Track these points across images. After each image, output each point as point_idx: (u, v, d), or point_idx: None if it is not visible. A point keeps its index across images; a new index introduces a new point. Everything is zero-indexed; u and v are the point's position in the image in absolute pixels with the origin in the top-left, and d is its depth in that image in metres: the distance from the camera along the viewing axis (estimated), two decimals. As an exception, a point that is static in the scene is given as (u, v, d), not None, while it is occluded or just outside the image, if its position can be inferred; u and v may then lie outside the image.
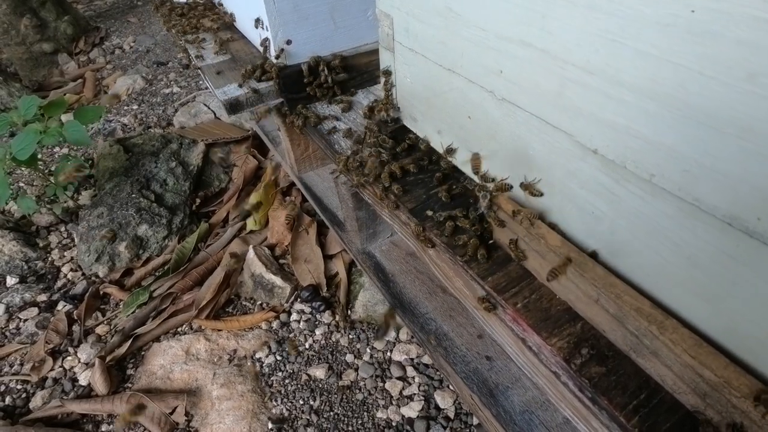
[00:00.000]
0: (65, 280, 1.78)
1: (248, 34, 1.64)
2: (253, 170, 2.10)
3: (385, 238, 1.47)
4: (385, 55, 1.05)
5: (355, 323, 1.50)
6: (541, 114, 0.69)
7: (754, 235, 0.47)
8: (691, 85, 0.48)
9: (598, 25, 0.55)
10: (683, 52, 0.47)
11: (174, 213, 1.89)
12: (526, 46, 0.66)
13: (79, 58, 3.58)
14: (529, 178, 0.76)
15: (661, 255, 0.59)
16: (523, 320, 0.74)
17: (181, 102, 2.73)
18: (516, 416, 1.02)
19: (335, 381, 1.35)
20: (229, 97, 1.37)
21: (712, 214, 0.51)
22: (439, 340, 1.19)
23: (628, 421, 0.61)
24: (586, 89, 0.60)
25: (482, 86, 0.78)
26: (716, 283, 0.54)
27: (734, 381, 0.51)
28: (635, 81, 0.53)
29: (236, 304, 1.62)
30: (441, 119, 0.95)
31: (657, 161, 0.54)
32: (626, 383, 0.65)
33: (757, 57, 0.42)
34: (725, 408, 0.54)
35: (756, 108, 0.44)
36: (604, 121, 0.59)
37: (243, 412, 1.28)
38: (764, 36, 0.41)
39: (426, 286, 1.33)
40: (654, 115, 0.53)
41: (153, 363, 1.45)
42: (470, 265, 0.83)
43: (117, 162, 2.02)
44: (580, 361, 0.68)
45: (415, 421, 1.21)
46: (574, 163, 0.66)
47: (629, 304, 0.61)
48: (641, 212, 0.59)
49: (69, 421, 1.34)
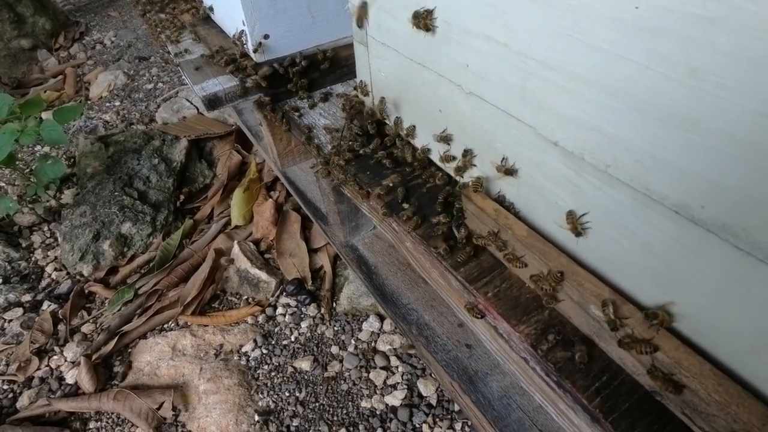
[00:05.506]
0: (49, 280, 1.78)
1: (227, 29, 1.63)
2: (238, 165, 2.10)
3: (368, 230, 1.48)
4: (360, 50, 1.05)
5: (340, 315, 1.52)
6: (506, 107, 0.70)
7: (698, 223, 0.49)
8: (639, 80, 0.50)
9: (555, 21, 0.56)
10: (631, 48, 0.49)
11: (158, 210, 1.89)
12: (490, 41, 0.67)
13: (59, 53, 3.51)
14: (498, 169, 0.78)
15: (619, 243, 0.61)
16: (494, 308, 0.76)
17: (163, 98, 2.71)
18: (494, 401, 1.05)
19: (321, 372, 1.37)
20: (208, 93, 1.37)
21: (662, 203, 0.53)
22: (421, 330, 1.21)
23: (590, 403, 0.64)
24: (545, 83, 0.61)
25: (451, 80, 0.79)
26: (669, 270, 0.56)
27: (684, 361, 0.54)
28: (590, 75, 0.55)
29: (222, 300, 1.63)
30: (414, 113, 0.97)
31: (612, 152, 0.56)
32: (589, 366, 0.67)
33: (699, 53, 0.44)
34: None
35: (699, 102, 0.45)
36: (563, 115, 0.61)
37: (229, 406, 1.30)
38: (704, 33, 0.43)
39: (408, 278, 1.35)
40: (608, 108, 0.54)
41: (139, 360, 1.46)
42: (444, 257, 0.85)
43: (99, 160, 2.01)
44: (546, 346, 0.70)
45: (399, 409, 1.24)
46: (539, 155, 0.68)
47: (590, 291, 0.64)
48: (600, 202, 0.61)
49: (56, 420, 1.35)
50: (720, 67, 0.42)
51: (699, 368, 0.53)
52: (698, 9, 0.42)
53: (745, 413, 0.50)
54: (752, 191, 0.43)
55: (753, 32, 0.39)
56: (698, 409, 0.55)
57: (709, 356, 0.55)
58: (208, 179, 2.10)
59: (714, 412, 0.53)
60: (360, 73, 1.11)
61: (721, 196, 0.47)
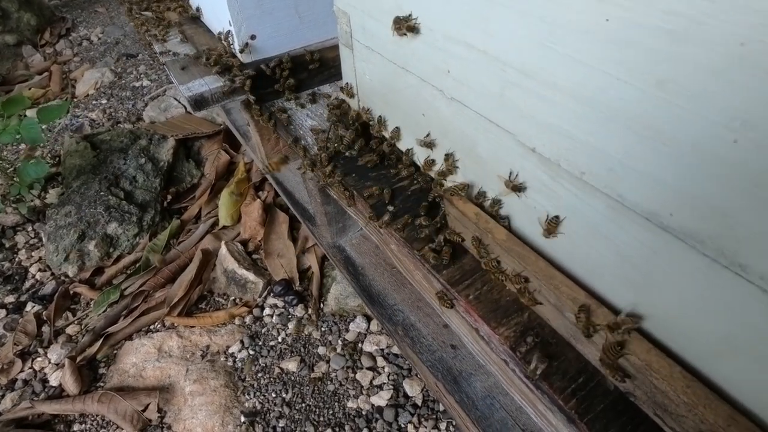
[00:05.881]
0: (33, 281, 1.76)
1: (214, 29, 1.62)
2: (226, 165, 2.09)
3: (356, 231, 1.49)
4: (345, 52, 1.05)
5: (327, 316, 1.52)
6: (486, 113, 0.71)
7: (668, 230, 0.51)
8: (610, 90, 0.51)
9: (531, 30, 0.57)
10: (602, 58, 0.50)
11: (144, 210, 1.87)
12: (470, 48, 0.68)
13: (45, 50, 3.46)
14: (479, 174, 0.79)
15: (595, 248, 0.63)
16: (474, 311, 0.77)
17: (151, 96, 2.69)
18: (478, 401, 1.06)
19: (307, 373, 1.37)
20: (194, 93, 1.36)
21: (633, 210, 0.54)
22: (407, 331, 1.22)
23: (566, 404, 0.65)
24: (523, 91, 0.62)
25: (433, 85, 0.80)
26: (642, 275, 0.57)
27: (655, 364, 0.55)
28: (564, 84, 0.56)
29: (209, 301, 1.63)
30: (399, 116, 0.97)
31: (586, 160, 0.57)
32: (566, 368, 0.68)
33: (665, 65, 0.45)
34: (650, 389, 0.58)
35: (665, 112, 0.47)
36: (540, 122, 0.62)
37: (216, 407, 1.30)
38: (669, 45, 0.44)
39: (395, 278, 1.36)
40: (582, 117, 0.55)
41: (125, 361, 1.46)
42: (426, 260, 0.86)
43: (84, 159, 1.99)
44: (525, 348, 0.71)
45: (384, 410, 1.25)
46: (517, 161, 0.69)
47: (566, 295, 0.65)
48: (576, 208, 0.63)
49: (40, 422, 1.34)
50: (685, 78, 0.43)
51: (669, 371, 0.55)
52: (663, 23, 0.44)
53: (712, 414, 0.51)
54: (715, 200, 0.45)
55: (714, 46, 0.40)
56: (669, 410, 0.57)
57: (679, 359, 0.56)
58: (196, 179, 2.09)
59: (683, 413, 0.55)
60: (346, 76, 1.12)
61: (687, 205, 0.48)
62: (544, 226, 0.67)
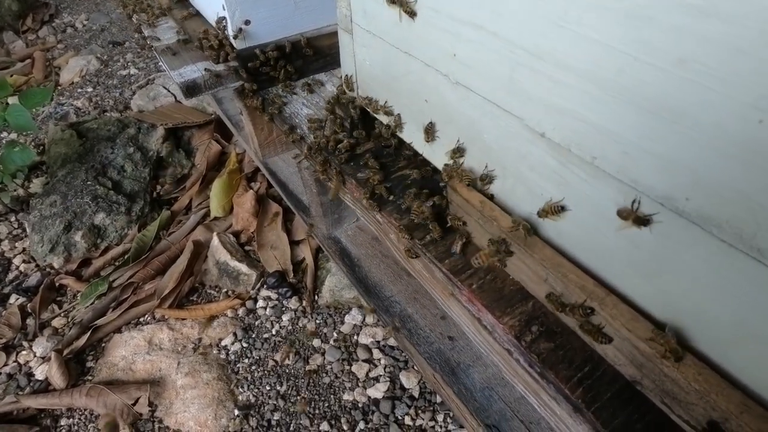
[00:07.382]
0: (17, 272, 1.70)
1: (206, 14, 1.57)
2: (217, 155, 2.05)
3: (351, 223, 1.46)
4: (344, 38, 1.03)
5: (322, 308, 1.50)
6: (494, 98, 0.69)
7: (683, 215, 0.50)
8: (628, 70, 0.49)
9: (544, 9, 0.55)
10: (620, 37, 0.48)
11: (133, 200, 1.83)
12: (478, 29, 0.66)
13: (27, 36, 3.35)
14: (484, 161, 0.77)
15: (605, 235, 0.62)
16: (478, 300, 0.76)
17: (139, 84, 2.62)
18: (476, 393, 1.05)
19: (302, 366, 1.35)
20: (186, 80, 1.32)
21: (647, 195, 0.53)
22: (404, 322, 1.21)
23: (573, 393, 0.64)
24: (534, 73, 0.61)
25: (437, 69, 0.78)
26: (654, 261, 0.56)
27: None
28: (579, 65, 0.54)
29: (201, 293, 1.59)
30: (400, 103, 0.95)
31: (599, 144, 0.56)
32: (572, 357, 0.68)
33: (688, 43, 0.44)
34: (658, 377, 0.57)
35: (687, 93, 0.45)
36: (551, 105, 0.60)
37: (208, 400, 1.27)
38: (693, 22, 0.42)
39: (391, 270, 1.34)
40: (596, 99, 0.54)
41: (114, 354, 1.42)
42: (428, 248, 0.85)
43: (70, 148, 1.93)
44: (530, 338, 0.70)
45: (381, 402, 1.24)
46: (525, 147, 0.68)
47: (574, 283, 0.64)
48: (586, 194, 0.61)
49: (25, 417, 1.30)
50: (709, 57, 0.42)
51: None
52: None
53: (724, 401, 0.50)
54: (737, 183, 0.44)
55: (742, 21, 0.39)
56: (678, 398, 0.56)
57: (689, 346, 0.56)
58: (187, 169, 2.05)
59: (693, 400, 0.54)
60: (344, 62, 1.09)
61: (706, 189, 0.47)
62: (545, 208, 0.66)
